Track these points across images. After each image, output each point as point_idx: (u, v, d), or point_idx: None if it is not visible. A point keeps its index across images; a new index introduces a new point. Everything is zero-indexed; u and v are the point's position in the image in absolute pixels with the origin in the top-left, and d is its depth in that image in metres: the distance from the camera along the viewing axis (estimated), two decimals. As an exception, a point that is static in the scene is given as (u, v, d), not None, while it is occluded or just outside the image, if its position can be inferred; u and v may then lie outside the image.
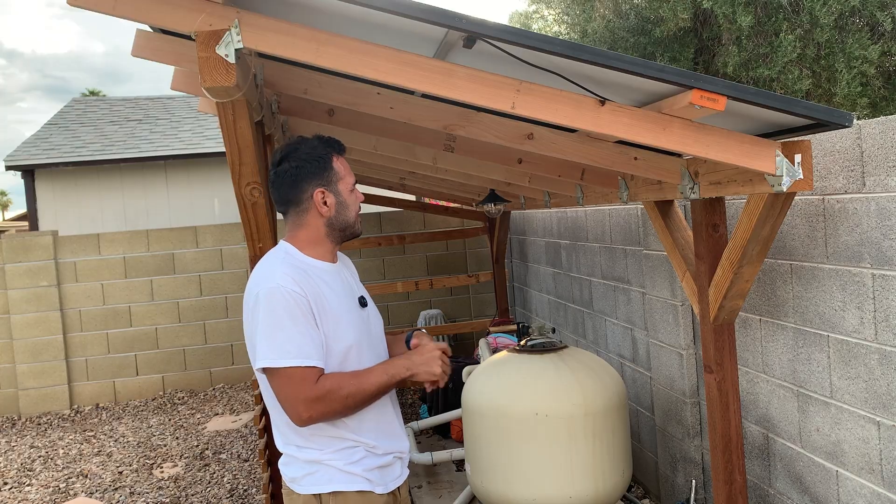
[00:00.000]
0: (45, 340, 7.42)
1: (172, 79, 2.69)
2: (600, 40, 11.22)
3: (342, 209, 1.94)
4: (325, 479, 1.91)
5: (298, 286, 1.79)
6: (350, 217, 1.97)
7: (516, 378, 3.36)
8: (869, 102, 9.51)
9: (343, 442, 1.91)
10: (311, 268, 1.90)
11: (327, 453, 1.90)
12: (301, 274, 1.84)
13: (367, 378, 1.84)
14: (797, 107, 1.89)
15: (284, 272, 1.82)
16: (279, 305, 1.76)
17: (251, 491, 4.85)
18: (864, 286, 2.32)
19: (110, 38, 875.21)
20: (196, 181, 9.82)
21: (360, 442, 1.93)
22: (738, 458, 2.70)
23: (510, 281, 7.74)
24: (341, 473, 1.90)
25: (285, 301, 1.76)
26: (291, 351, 1.75)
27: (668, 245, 3.01)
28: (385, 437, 2.00)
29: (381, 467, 1.98)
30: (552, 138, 2.67)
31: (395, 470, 2.04)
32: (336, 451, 1.91)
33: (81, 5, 1.73)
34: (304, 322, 1.77)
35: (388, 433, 2.01)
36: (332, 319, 1.84)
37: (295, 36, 1.79)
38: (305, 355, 1.76)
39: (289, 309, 1.76)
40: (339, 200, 1.93)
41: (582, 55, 1.75)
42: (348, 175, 1.97)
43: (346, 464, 1.91)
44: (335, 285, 1.92)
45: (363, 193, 2.05)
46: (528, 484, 3.20)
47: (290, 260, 1.89)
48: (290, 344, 1.75)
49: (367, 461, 1.95)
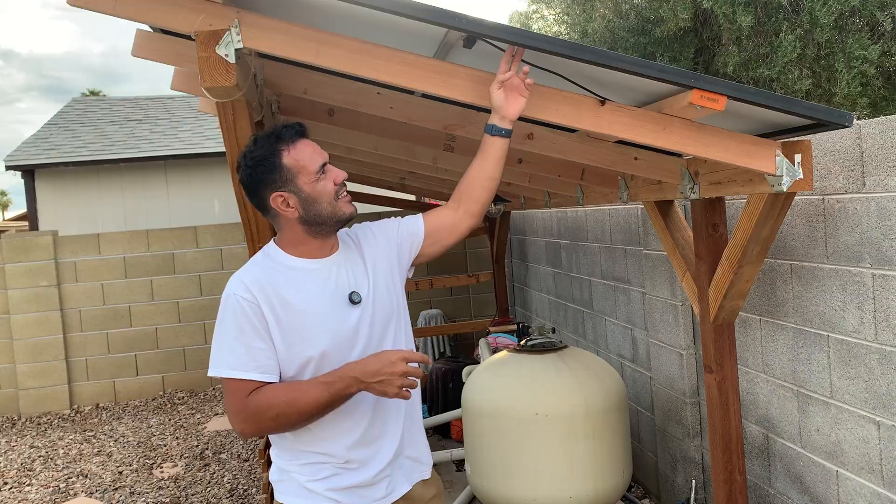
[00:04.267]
0: (45, 340, 7.41)
1: (172, 79, 2.68)
2: (600, 40, 11.22)
3: (310, 204, 1.74)
4: (290, 491, 1.82)
5: (251, 293, 1.69)
6: (323, 210, 1.75)
7: (516, 378, 3.36)
8: (869, 102, 9.51)
9: (308, 455, 1.78)
10: (288, 269, 1.77)
11: (293, 465, 1.81)
12: (267, 277, 1.73)
13: (302, 395, 1.64)
14: (797, 107, 1.89)
15: (245, 277, 1.73)
16: (227, 314, 1.70)
17: (251, 491, 4.85)
18: (864, 286, 2.32)
19: (108, 39, 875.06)
20: (196, 181, 9.82)
21: (327, 456, 1.77)
22: (738, 458, 2.70)
23: (510, 281, 7.74)
24: (302, 489, 1.79)
25: (233, 309, 1.69)
26: (229, 361, 1.68)
27: (668, 245, 3.01)
28: (364, 448, 1.80)
29: (354, 487, 1.79)
30: (552, 138, 2.67)
31: (378, 490, 1.82)
32: (301, 465, 1.80)
33: (81, 5, 1.73)
34: (249, 332, 1.68)
35: (368, 443, 1.80)
36: (295, 325, 1.71)
37: (295, 36, 1.79)
38: (239, 367, 1.67)
39: (235, 317, 1.69)
40: (302, 197, 1.73)
41: (582, 55, 1.75)
42: (309, 163, 1.74)
43: (308, 479, 1.79)
44: (311, 287, 1.76)
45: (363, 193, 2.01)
46: (528, 484, 3.19)
47: (265, 262, 1.79)
48: (229, 354, 1.68)
49: (334, 480, 1.78)
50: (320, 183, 1.75)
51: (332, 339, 1.74)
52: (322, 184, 1.75)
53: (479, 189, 1.92)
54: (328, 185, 1.76)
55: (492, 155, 1.90)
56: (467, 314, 8.14)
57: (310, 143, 1.79)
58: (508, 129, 1.88)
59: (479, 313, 8.15)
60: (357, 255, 1.88)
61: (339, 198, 1.78)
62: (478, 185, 1.92)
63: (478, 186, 1.92)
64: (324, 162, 1.77)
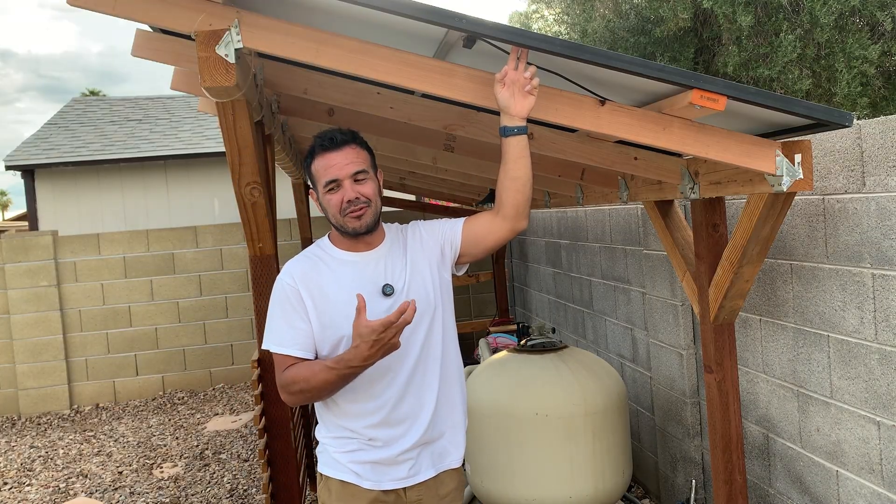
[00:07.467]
0: (45, 340, 7.42)
1: (172, 79, 2.68)
2: (600, 40, 11.22)
3: (325, 211, 1.94)
4: (323, 461, 2.01)
5: (294, 280, 1.91)
6: (332, 219, 1.94)
7: (516, 378, 3.36)
8: (869, 102, 9.51)
9: (338, 429, 1.96)
10: (332, 259, 1.96)
11: (327, 437, 1.99)
12: (312, 264, 1.95)
13: (315, 374, 1.82)
14: (797, 107, 1.89)
15: (292, 265, 1.96)
16: (275, 296, 1.94)
17: (251, 491, 4.85)
18: (864, 286, 2.32)
19: (106, 39, 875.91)
20: (196, 181, 9.81)
21: (354, 432, 1.93)
22: (738, 458, 2.70)
23: (510, 281, 7.74)
24: (332, 459, 1.98)
25: (278, 293, 1.93)
26: (272, 338, 1.91)
27: (668, 245, 3.01)
28: (389, 428, 1.92)
29: (376, 463, 1.93)
30: (552, 138, 2.67)
31: (401, 470, 1.95)
32: (333, 437, 1.98)
33: (81, 5, 1.73)
34: (290, 312, 1.90)
35: (394, 424, 1.93)
36: (328, 310, 1.89)
37: (295, 36, 1.79)
38: (278, 342, 1.89)
39: (279, 300, 1.92)
40: (322, 203, 1.94)
41: (582, 55, 1.75)
42: (322, 176, 1.90)
43: (337, 451, 1.97)
44: (347, 277, 1.92)
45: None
46: (528, 484, 3.19)
47: (314, 250, 2.00)
48: (273, 332, 1.91)
49: (359, 454, 1.93)
50: (328, 196, 1.91)
51: None
52: (328, 197, 1.91)
53: (506, 191, 1.94)
54: (333, 199, 1.90)
55: (509, 156, 1.90)
56: (467, 314, 8.14)
57: (335, 155, 1.89)
58: (521, 126, 1.87)
59: (479, 313, 8.14)
60: (401, 250, 2.02)
61: (345, 214, 1.90)
62: (503, 188, 1.94)
63: (504, 189, 1.94)
64: (333, 178, 1.88)
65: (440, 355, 1.99)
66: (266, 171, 2.73)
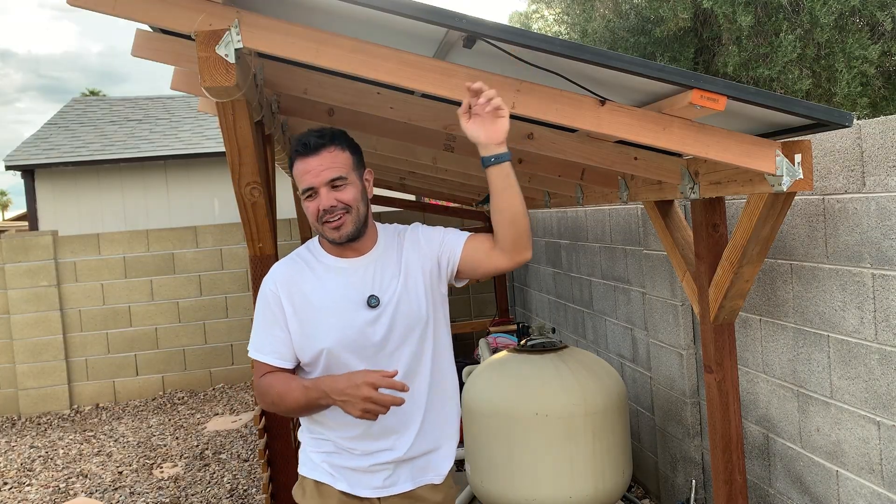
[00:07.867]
0: (45, 340, 7.41)
1: (172, 79, 2.68)
2: (600, 40, 11.22)
3: (306, 217, 1.85)
4: (302, 461, 1.99)
5: (276, 285, 1.86)
6: (312, 225, 1.84)
7: (516, 378, 3.36)
8: (869, 102, 9.51)
9: (314, 433, 1.94)
10: (319, 264, 1.88)
11: (306, 437, 1.98)
12: (297, 269, 1.88)
13: (290, 392, 1.77)
14: (797, 107, 1.89)
15: (277, 268, 1.91)
16: (258, 300, 1.91)
17: (251, 491, 4.85)
18: (864, 286, 2.32)
19: (106, 39, 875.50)
20: (196, 181, 9.81)
21: (331, 440, 1.90)
22: (738, 458, 2.70)
23: (510, 281, 7.74)
24: (308, 459, 1.96)
25: (261, 297, 1.89)
26: (253, 343, 1.89)
27: (668, 245, 3.01)
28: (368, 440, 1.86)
29: (353, 469, 1.89)
30: (552, 138, 2.67)
31: (376, 479, 1.88)
32: (311, 437, 1.96)
33: (81, 5, 1.73)
34: (270, 319, 1.85)
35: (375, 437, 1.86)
36: (308, 319, 1.82)
37: (295, 36, 1.79)
38: (258, 348, 1.87)
39: (261, 305, 1.88)
40: (303, 208, 1.83)
41: (582, 55, 1.75)
42: (300, 181, 1.80)
43: (312, 450, 1.95)
44: (331, 285, 1.83)
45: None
46: (528, 484, 3.19)
47: (303, 253, 1.93)
48: (254, 336, 1.89)
49: (335, 457, 1.90)
50: (306, 203, 1.82)
51: (338, 337, 1.81)
52: (306, 204, 1.81)
53: (497, 225, 1.81)
54: (311, 207, 1.80)
55: (492, 188, 1.77)
56: (467, 314, 8.14)
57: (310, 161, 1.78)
58: (499, 154, 1.72)
59: (479, 313, 8.14)
60: (394, 256, 1.90)
61: (322, 222, 1.80)
62: (495, 222, 1.81)
63: (495, 223, 1.81)
64: (309, 186, 1.78)
65: (429, 371, 1.89)
66: (266, 171, 2.73)
